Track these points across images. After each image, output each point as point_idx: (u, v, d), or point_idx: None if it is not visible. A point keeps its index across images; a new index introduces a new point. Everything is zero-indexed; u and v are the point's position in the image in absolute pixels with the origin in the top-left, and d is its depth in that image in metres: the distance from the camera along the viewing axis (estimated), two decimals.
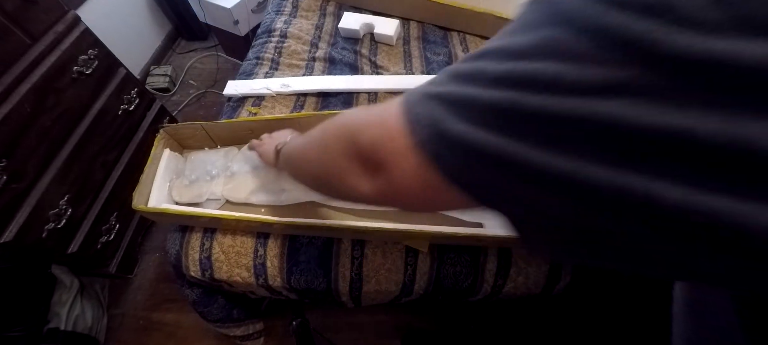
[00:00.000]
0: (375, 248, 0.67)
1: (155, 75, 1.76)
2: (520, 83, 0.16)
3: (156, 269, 1.23)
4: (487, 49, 0.18)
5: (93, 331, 1.03)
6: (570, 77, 0.14)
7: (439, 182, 0.19)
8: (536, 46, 0.16)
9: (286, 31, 1.10)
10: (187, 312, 1.11)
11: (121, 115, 1.10)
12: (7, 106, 0.79)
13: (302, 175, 0.36)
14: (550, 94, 0.15)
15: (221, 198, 0.72)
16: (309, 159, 0.32)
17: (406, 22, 1.14)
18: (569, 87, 0.14)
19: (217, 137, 0.78)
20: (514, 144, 0.16)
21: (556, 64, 0.15)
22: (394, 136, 0.21)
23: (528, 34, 0.16)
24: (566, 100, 0.14)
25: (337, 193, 0.29)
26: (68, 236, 0.95)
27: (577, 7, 0.15)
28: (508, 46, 0.17)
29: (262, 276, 0.67)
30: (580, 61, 0.14)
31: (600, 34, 0.14)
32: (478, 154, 0.17)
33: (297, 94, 0.91)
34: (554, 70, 0.15)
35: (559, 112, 0.14)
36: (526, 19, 0.17)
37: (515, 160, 0.16)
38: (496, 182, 0.17)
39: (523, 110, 0.15)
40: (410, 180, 0.21)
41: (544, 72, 0.15)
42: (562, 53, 0.15)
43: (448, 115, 0.18)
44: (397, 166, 0.21)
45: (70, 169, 0.94)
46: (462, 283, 0.67)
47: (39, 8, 0.86)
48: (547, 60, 0.15)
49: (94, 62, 0.99)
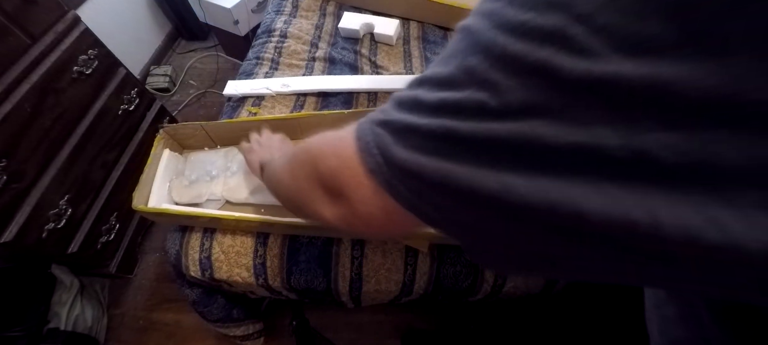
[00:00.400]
0: (375, 248, 0.67)
1: (155, 75, 1.76)
2: (452, 111, 0.17)
3: (156, 269, 1.23)
4: (424, 77, 0.19)
5: (93, 331, 1.03)
6: (492, 103, 0.15)
7: (395, 207, 0.20)
8: (462, 76, 0.17)
9: (286, 31, 1.10)
10: (187, 312, 1.11)
11: (121, 115, 1.10)
12: (7, 106, 0.79)
13: (279, 197, 0.36)
14: (477, 120, 0.16)
15: (221, 198, 0.72)
16: (282, 182, 0.33)
17: (406, 22, 1.14)
18: (493, 112, 0.15)
19: (217, 137, 0.78)
20: (452, 167, 0.17)
21: (480, 92, 0.16)
22: (349, 165, 0.21)
23: (454, 63, 0.18)
24: (492, 124, 0.15)
25: (310, 217, 0.29)
26: (68, 236, 0.95)
27: (490, 38, 0.16)
28: (439, 75, 0.18)
29: (262, 276, 0.67)
30: (498, 88, 0.15)
31: (510, 62, 0.15)
32: (421, 179, 0.18)
33: (297, 94, 0.91)
34: (478, 98, 0.16)
35: (487, 135, 0.16)
36: (453, 47, 0.19)
37: (454, 183, 0.17)
38: (441, 205, 0.18)
39: (456, 136, 0.16)
40: (370, 206, 0.21)
41: (470, 99, 0.16)
42: (483, 82, 0.16)
43: (392, 143, 0.19)
44: (356, 193, 0.22)
45: (70, 169, 0.94)
46: (462, 282, 0.67)
47: (39, 8, 0.86)
48: (471, 89, 0.16)
49: (94, 62, 0.99)
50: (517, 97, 0.15)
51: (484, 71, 0.16)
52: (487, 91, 0.16)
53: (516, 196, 0.15)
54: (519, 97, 0.15)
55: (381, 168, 0.20)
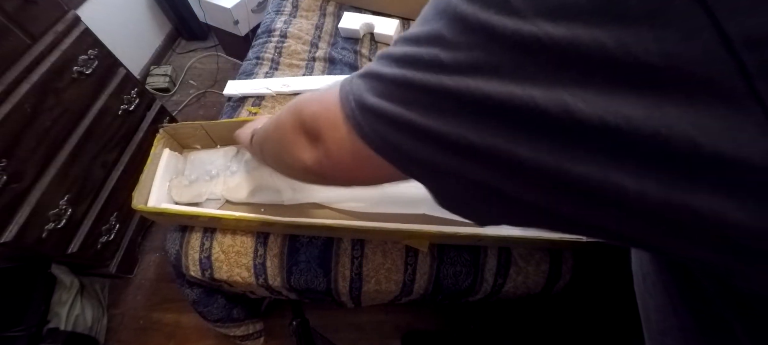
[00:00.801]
0: (375, 248, 0.67)
1: (155, 75, 1.76)
2: (411, 63, 0.19)
3: (156, 269, 1.23)
4: (401, 36, 0.22)
5: (93, 331, 1.03)
6: (443, 57, 0.17)
7: (365, 151, 0.22)
8: (425, 35, 0.19)
9: (286, 31, 1.10)
10: (187, 312, 1.11)
11: (121, 115, 1.10)
12: (7, 106, 0.79)
13: (267, 155, 0.39)
14: (431, 72, 0.18)
15: (221, 198, 0.72)
16: (270, 137, 0.36)
17: (406, 22, 1.14)
18: (444, 66, 0.17)
19: (217, 137, 0.78)
20: (408, 112, 0.19)
21: (435, 49, 0.18)
22: (329, 109, 0.24)
23: (423, 26, 0.20)
24: (442, 77, 0.17)
25: (289, 167, 0.32)
26: (68, 236, 0.95)
27: (451, 3, 0.18)
28: (409, 34, 0.21)
29: (262, 276, 0.67)
30: (451, 46, 0.17)
31: (461, 22, 0.17)
32: (385, 122, 0.20)
33: (297, 94, 0.91)
34: (433, 53, 0.18)
35: (437, 86, 0.18)
36: (425, 13, 0.21)
37: (411, 126, 0.19)
38: (402, 147, 0.20)
39: (412, 85, 0.19)
40: (342, 150, 0.24)
41: (427, 53, 0.18)
42: (439, 40, 0.18)
43: (364, 90, 0.22)
44: (331, 136, 0.24)
45: (70, 169, 0.94)
46: (462, 282, 0.67)
47: (39, 8, 0.86)
48: (429, 46, 0.18)
49: (94, 62, 0.99)
50: (463, 53, 0.17)
51: (439, 29, 0.18)
52: (440, 46, 0.18)
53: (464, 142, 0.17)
54: (465, 52, 0.17)
55: (353, 112, 0.22)
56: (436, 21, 0.18)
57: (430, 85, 0.18)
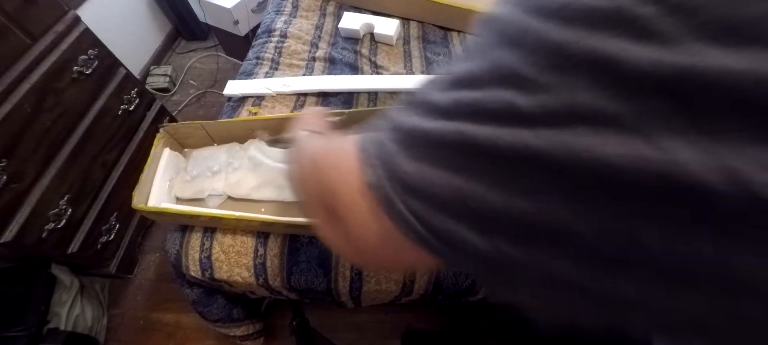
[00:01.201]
0: None
1: (155, 75, 1.76)
2: (468, 113, 0.13)
3: (156, 269, 1.23)
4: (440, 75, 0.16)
5: (93, 331, 1.03)
6: (523, 104, 0.12)
7: (393, 232, 0.16)
8: (484, 71, 0.14)
9: (286, 31, 1.10)
10: (187, 312, 1.11)
11: (121, 115, 1.10)
12: (7, 106, 0.79)
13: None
14: (501, 125, 0.12)
15: (223, 194, 0.72)
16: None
17: (406, 22, 1.14)
18: (523, 116, 0.12)
19: (217, 137, 0.79)
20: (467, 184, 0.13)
21: (506, 90, 0.12)
22: (347, 179, 0.18)
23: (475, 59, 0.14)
24: (522, 131, 0.12)
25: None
26: (68, 236, 0.95)
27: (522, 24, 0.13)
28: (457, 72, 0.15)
29: (262, 276, 0.67)
30: (531, 86, 0.12)
31: (549, 53, 0.12)
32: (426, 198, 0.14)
33: (297, 94, 0.91)
34: (504, 97, 0.12)
35: (513, 145, 0.12)
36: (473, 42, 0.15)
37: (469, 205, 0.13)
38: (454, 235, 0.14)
39: (473, 144, 0.13)
40: (365, 230, 0.18)
41: (493, 99, 0.13)
42: (510, 77, 0.12)
43: (396, 152, 0.16)
44: (350, 212, 0.18)
45: (70, 169, 0.94)
46: (462, 282, 0.67)
47: (39, 8, 0.86)
48: (494, 86, 0.13)
49: (94, 62, 0.99)
50: (558, 98, 0.11)
51: (513, 64, 0.12)
52: (516, 88, 0.12)
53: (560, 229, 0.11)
54: (561, 97, 0.11)
55: (381, 181, 0.16)
56: (500, 52, 0.13)
57: (501, 143, 0.12)
